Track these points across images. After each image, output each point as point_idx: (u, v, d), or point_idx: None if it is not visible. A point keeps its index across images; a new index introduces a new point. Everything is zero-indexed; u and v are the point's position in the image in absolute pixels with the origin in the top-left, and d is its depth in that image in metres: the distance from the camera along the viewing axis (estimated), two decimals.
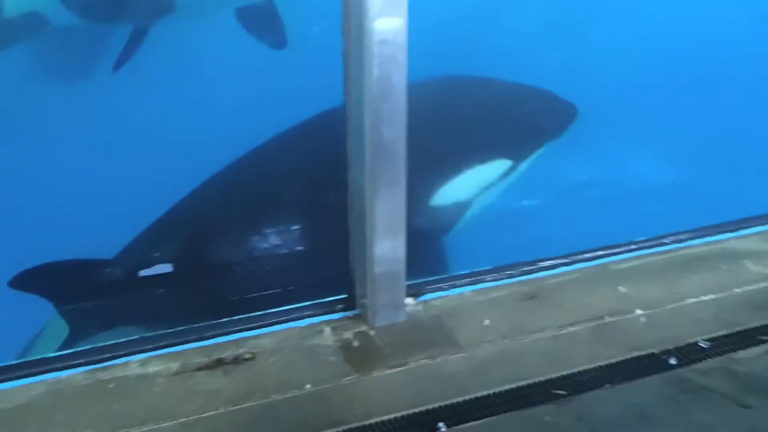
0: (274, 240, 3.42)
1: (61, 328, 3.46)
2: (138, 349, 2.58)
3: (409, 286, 2.80)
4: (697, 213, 3.38)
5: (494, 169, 3.83)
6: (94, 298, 3.46)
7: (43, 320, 3.71)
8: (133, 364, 2.55)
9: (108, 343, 2.59)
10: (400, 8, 2.51)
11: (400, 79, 2.56)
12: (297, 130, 3.68)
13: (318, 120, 3.67)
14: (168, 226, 3.66)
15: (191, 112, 4.53)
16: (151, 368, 2.55)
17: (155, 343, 2.61)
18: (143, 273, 3.46)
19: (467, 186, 3.74)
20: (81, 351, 2.57)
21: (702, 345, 2.73)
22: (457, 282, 2.94)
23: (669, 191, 4.10)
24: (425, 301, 2.86)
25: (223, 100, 4.53)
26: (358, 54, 2.55)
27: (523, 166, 3.92)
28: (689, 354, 2.69)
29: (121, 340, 2.61)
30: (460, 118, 3.88)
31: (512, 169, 3.88)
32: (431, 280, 2.92)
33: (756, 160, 4.32)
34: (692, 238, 3.24)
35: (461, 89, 4.03)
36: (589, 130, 4.04)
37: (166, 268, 3.48)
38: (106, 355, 2.56)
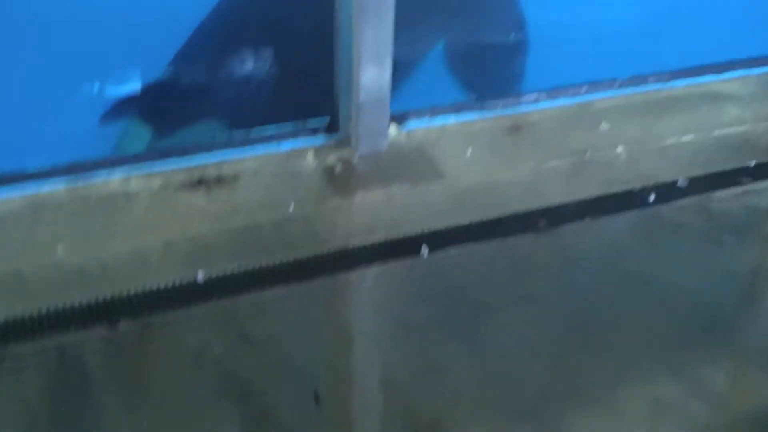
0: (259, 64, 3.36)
1: (143, 130, 3.43)
2: (119, 166, 2.55)
3: (392, 115, 2.78)
4: (681, 53, 3.35)
5: None
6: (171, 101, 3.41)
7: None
8: (114, 182, 2.53)
9: (88, 159, 2.56)
10: None
11: None
12: None
13: None
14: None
15: None
16: (133, 186, 2.53)
17: (136, 161, 2.58)
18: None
19: None
20: (61, 166, 2.53)
21: (680, 184, 2.76)
22: (440, 112, 2.91)
23: (653, 29, 4.06)
24: (408, 131, 2.84)
25: None
26: None
27: None
28: (667, 192, 2.72)
29: (101, 158, 2.57)
30: None
31: None
32: (414, 110, 2.89)
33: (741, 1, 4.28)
34: (675, 78, 3.22)
35: None
36: None
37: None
38: (87, 172, 2.53)
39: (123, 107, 3.35)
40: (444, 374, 2.09)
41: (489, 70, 3.79)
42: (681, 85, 3.22)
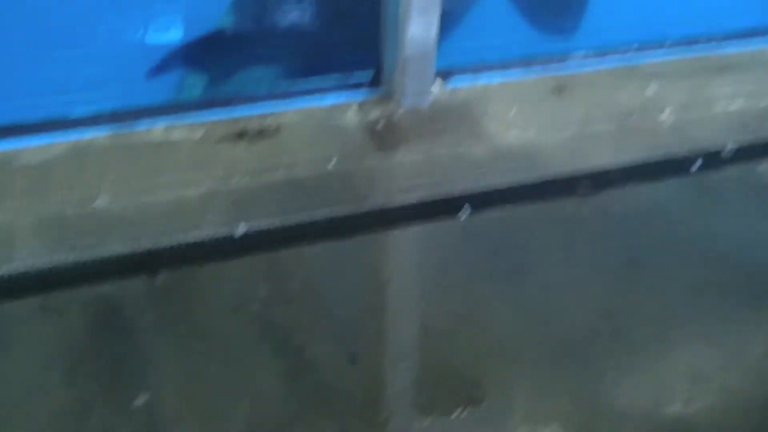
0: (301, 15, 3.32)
1: (197, 78, 3.44)
2: (162, 115, 2.55)
3: (437, 71, 2.74)
4: (734, 14, 3.28)
5: None
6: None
7: None
8: (156, 131, 2.52)
9: (132, 107, 2.56)
10: None
11: None
12: None
13: None
14: None
15: None
16: (175, 135, 2.52)
17: (179, 111, 2.58)
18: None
19: None
20: (104, 114, 2.54)
21: (727, 151, 2.71)
22: (485, 69, 2.87)
23: None
24: (452, 88, 2.81)
25: None
26: None
27: None
28: (713, 159, 2.68)
29: (145, 106, 2.57)
30: None
31: None
32: (459, 67, 2.85)
33: None
34: (726, 41, 3.14)
35: None
36: None
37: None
38: (130, 120, 2.53)
39: (170, 60, 3.34)
40: (486, 330, 2.09)
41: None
42: (732, 49, 3.15)
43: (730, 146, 2.72)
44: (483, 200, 2.45)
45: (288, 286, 2.17)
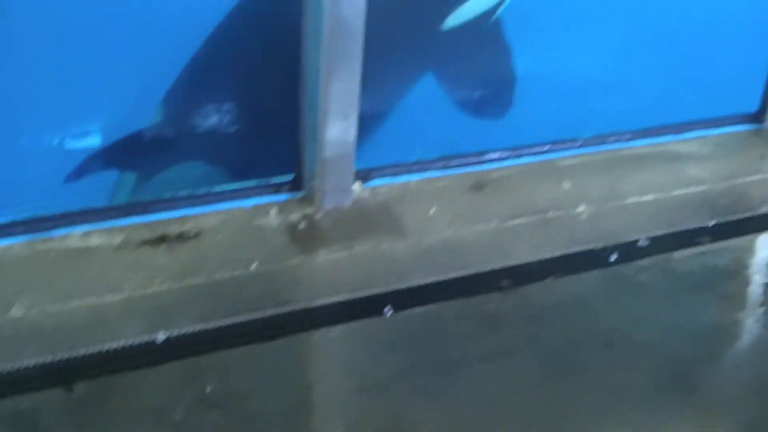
0: (221, 117, 3.34)
1: (127, 177, 3.41)
2: (80, 221, 2.51)
3: (356, 171, 2.78)
4: (642, 113, 3.40)
5: None
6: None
7: None
8: (74, 237, 2.49)
9: (48, 213, 2.51)
10: None
11: None
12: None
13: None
14: None
15: None
16: (93, 241, 2.49)
17: (97, 217, 2.55)
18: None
19: None
20: (19, 221, 2.49)
21: (641, 243, 2.78)
22: (404, 169, 2.92)
23: (614, 89, 4.12)
24: (372, 187, 2.84)
25: None
26: None
27: None
28: (629, 251, 2.75)
29: (61, 212, 2.53)
30: None
31: None
32: (378, 167, 2.89)
33: (701, 63, 4.36)
34: (635, 138, 3.26)
35: None
36: (534, 17, 3.98)
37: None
38: (47, 226, 2.49)
39: (91, 163, 3.33)
40: (413, 429, 2.07)
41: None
42: (641, 144, 3.26)
43: (644, 238, 2.79)
44: (406, 298, 2.46)
45: (212, 392, 2.12)
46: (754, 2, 3.73)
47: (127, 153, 3.45)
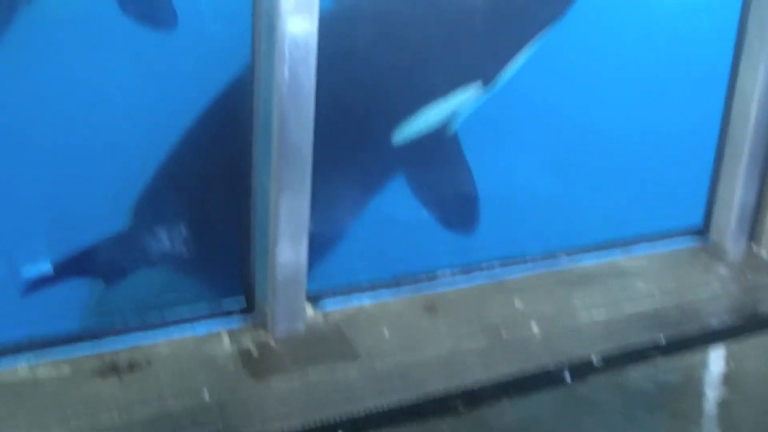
0: (172, 241, 3.34)
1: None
2: (27, 352, 2.46)
3: (309, 295, 2.77)
4: (589, 229, 3.46)
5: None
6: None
7: None
8: (21, 369, 2.44)
9: None
10: (312, 10, 2.49)
11: (309, 82, 2.54)
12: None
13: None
14: None
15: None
16: (41, 373, 2.44)
17: (45, 347, 2.50)
18: None
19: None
20: None
21: (594, 361, 2.79)
22: (357, 291, 2.92)
23: (561, 205, 4.20)
24: (326, 311, 2.83)
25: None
26: (268, 55, 2.52)
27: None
28: (582, 369, 2.75)
29: (7, 344, 2.48)
30: None
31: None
32: (331, 289, 2.90)
33: (645, 178, 4.47)
34: (584, 253, 3.31)
35: None
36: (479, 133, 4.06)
37: None
38: None
39: (43, 281, 3.30)
40: None
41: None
42: (590, 261, 3.30)
43: (597, 355, 2.80)
44: (359, 424, 2.43)
45: None
46: (696, 117, 3.86)
47: (85, 264, 3.43)
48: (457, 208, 3.90)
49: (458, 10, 3.54)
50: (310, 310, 2.79)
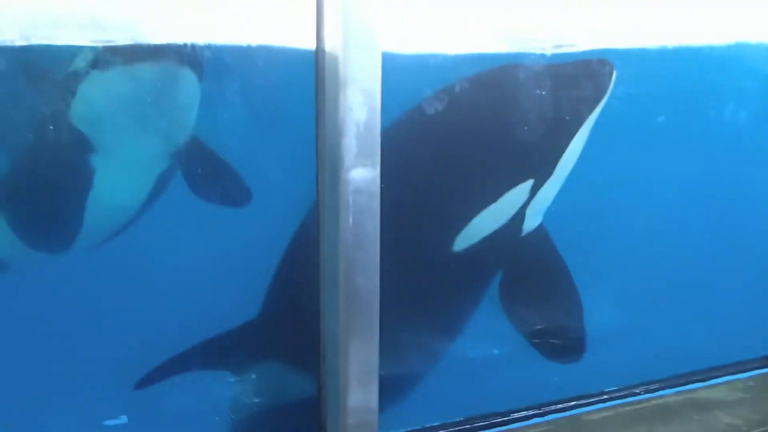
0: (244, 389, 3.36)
1: None
2: None
3: None
4: (667, 361, 3.39)
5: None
6: None
7: None
8: None
9: None
10: (374, 158, 2.56)
11: (374, 228, 2.59)
12: None
13: None
14: None
15: None
16: None
17: None
18: None
19: None
20: None
21: None
22: None
23: (637, 339, 4.11)
24: None
25: None
26: (332, 203, 2.59)
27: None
28: None
29: None
30: None
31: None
32: None
33: (723, 308, 4.37)
34: (663, 388, 3.23)
35: None
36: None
37: None
38: None
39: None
40: None
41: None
42: (669, 392, 3.22)
43: None
44: None
45: None
46: None
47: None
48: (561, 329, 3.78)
49: (502, 119, 3.56)
50: None
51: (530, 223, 3.67)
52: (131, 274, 3.30)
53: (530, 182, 3.55)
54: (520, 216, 3.62)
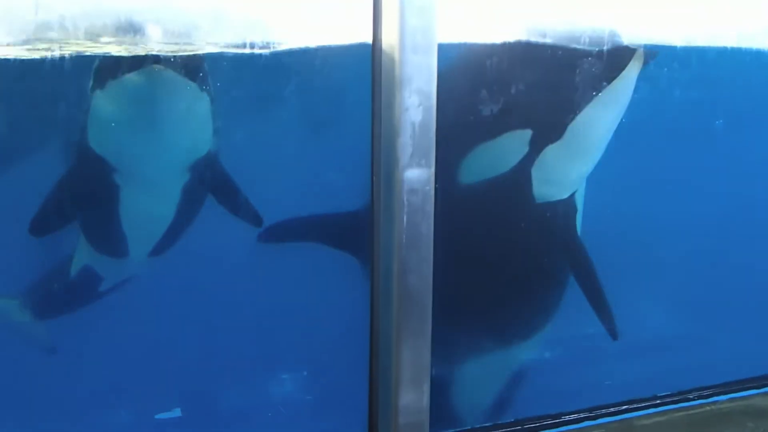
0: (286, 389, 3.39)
1: None
2: None
3: None
4: (722, 367, 3.35)
5: None
6: None
7: None
8: None
9: None
10: (429, 158, 2.56)
11: (428, 228, 2.59)
12: None
13: None
14: None
15: None
16: None
17: None
18: None
19: None
20: None
21: None
22: None
23: (692, 344, 4.07)
24: None
25: None
26: (387, 203, 2.59)
27: None
28: None
29: None
30: None
31: None
32: None
33: None
34: (716, 394, 3.19)
35: None
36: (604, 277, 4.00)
37: None
38: None
39: None
40: None
41: None
42: (723, 399, 3.18)
43: None
44: None
45: None
46: None
47: None
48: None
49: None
50: None
51: (541, 190, 3.66)
52: None
53: (528, 132, 3.56)
54: (523, 172, 3.61)
